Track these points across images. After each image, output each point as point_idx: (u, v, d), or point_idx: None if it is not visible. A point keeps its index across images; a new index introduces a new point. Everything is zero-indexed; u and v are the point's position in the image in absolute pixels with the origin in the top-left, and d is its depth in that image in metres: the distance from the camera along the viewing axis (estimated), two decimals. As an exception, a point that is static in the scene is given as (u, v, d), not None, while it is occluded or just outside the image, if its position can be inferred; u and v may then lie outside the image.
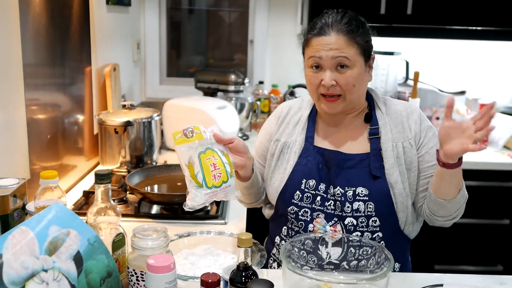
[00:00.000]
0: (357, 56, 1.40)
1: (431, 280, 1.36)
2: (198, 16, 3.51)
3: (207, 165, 1.31)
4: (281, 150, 1.54)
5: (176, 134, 1.31)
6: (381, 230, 1.43)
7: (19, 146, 1.61)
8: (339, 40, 1.38)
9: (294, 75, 3.21)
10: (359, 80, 1.42)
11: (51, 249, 0.95)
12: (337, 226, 1.43)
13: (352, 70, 1.39)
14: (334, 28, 1.39)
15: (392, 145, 1.44)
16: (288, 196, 1.48)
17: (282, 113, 1.60)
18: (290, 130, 1.55)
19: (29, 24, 1.64)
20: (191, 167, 1.29)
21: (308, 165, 1.48)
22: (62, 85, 1.96)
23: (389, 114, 1.49)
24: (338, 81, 1.39)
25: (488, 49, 3.16)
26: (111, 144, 2.17)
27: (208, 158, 1.32)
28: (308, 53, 1.44)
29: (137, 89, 3.25)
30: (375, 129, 1.47)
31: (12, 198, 1.26)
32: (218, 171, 1.32)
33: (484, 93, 3.12)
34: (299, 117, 1.56)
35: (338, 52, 1.38)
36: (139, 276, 1.10)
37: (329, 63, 1.39)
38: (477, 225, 2.64)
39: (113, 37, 2.61)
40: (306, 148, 1.50)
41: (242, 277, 1.05)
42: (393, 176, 1.42)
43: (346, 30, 1.39)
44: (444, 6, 2.72)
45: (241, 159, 1.40)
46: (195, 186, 1.29)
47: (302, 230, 1.47)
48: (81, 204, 1.82)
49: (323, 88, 1.41)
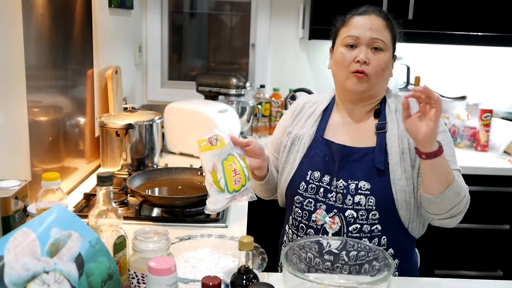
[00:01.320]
0: (390, 43, 1.50)
1: (431, 284, 1.36)
2: (200, 20, 3.52)
3: (229, 171, 1.36)
4: (292, 142, 1.60)
5: (202, 142, 1.35)
6: (380, 222, 1.45)
7: (21, 148, 1.61)
8: (379, 22, 1.48)
9: (296, 79, 3.22)
10: (387, 67, 1.50)
11: (53, 251, 0.96)
12: (336, 218, 1.46)
13: (384, 54, 1.48)
14: (374, 11, 1.50)
15: (398, 141, 1.47)
16: (295, 187, 1.54)
17: (298, 107, 1.66)
18: (303, 123, 1.61)
19: (31, 26, 1.65)
20: (214, 173, 1.34)
21: (315, 157, 1.53)
22: (64, 87, 1.96)
23: (399, 111, 1.52)
24: (370, 60, 1.46)
25: (489, 54, 3.17)
26: (112, 147, 2.18)
27: (230, 165, 1.37)
28: (344, 32, 1.51)
29: (139, 92, 3.26)
30: (382, 124, 1.51)
31: (13, 200, 1.26)
32: (238, 176, 1.37)
33: (484, 98, 3.12)
34: (313, 110, 1.62)
35: (376, 33, 1.46)
36: (140, 279, 1.11)
37: (366, 42, 1.46)
38: (477, 230, 2.64)
39: (115, 40, 2.62)
40: (315, 140, 1.55)
41: (243, 280, 1.05)
42: (397, 172, 1.44)
43: (385, 16, 1.50)
44: (445, 11, 2.72)
45: (257, 161, 1.46)
46: (217, 191, 1.34)
47: (306, 220, 1.51)
48: (82, 206, 1.82)
49: (356, 65, 1.46)
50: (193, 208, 1.77)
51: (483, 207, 2.60)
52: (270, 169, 1.57)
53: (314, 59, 3.20)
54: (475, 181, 2.49)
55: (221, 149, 1.36)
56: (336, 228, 1.44)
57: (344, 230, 1.43)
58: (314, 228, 1.49)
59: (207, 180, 1.35)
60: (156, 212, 1.83)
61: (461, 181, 1.42)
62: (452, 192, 1.37)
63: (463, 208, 1.41)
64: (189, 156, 2.54)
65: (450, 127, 3.00)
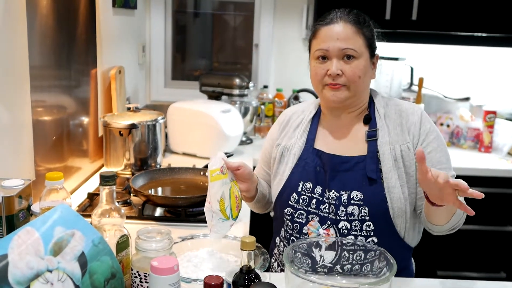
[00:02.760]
0: (363, 48, 1.42)
1: (433, 285, 1.36)
2: (203, 20, 3.52)
3: (233, 198, 1.37)
4: (281, 154, 1.55)
5: (214, 172, 1.34)
6: (376, 235, 1.40)
7: (25, 147, 1.62)
8: (347, 30, 1.41)
9: (299, 79, 3.22)
10: (365, 72, 1.43)
11: (56, 249, 0.96)
12: (330, 229, 1.42)
13: (359, 61, 1.41)
14: (342, 18, 1.43)
15: (389, 148, 1.43)
16: (285, 198, 1.49)
17: (285, 119, 1.62)
18: (291, 134, 1.57)
19: (36, 26, 1.65)
20: (222, 203, 1.34)
21: (306, 167, 1.49)
22: (67, 87, 1.97)
23: (389, 116, 1.48)
24: (344, 71, 1.41)
25: (493, 55, 3.16)
26: (116, 147, 2.18)
27: (233, 191, 1.38)
28: (315, 45, 1.46)
29: (142, 92, 3.26)
30: (373, 132, 1.46)
31: (17, 199, 1.26)
32: (238, 201, 1.40)
33: (488, 99, 3.12)
34: (301, 120, 1.57)
35: (345, 43, 1.40)
36: (142, 278, 1.11)
37: (336, 54, 1.41)
38: (481, 232, 2.64)
39: (119, 40, 2.63)
40: (306, 150, 1.51)
41: (245, 280, 1.06)
42: (391, 180, 1.40)
43: (354, 21, 1.43)
44: (449, 12, 2.72)
45: (246, 185, 1.45)
46: (222, 219, 1.35)
47: (297, 232, 1.47)
48: (86, 205, 1.82)
49: (329, 78, 1.42)
50: (195, 208, 1.77)
51: (486, 208, 2.59)
52: (259, 189, 1.54)
53: (318, 59, 3.20)
54: (478, 182, 2.49)
55: (228, 178, 1.37)
56: (331, 240, 1.35)
57: (338, 243, 1.34)
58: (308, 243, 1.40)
59: (211, 208, 1.33)
60: (159, 212, 1.84)
61: None
62: (456, 216, 1.35)
63: (463, 220, 1.40)
64: (192, 156, 2.54)
65: (453, 128, 2.99)
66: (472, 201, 1.42)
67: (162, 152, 2.35)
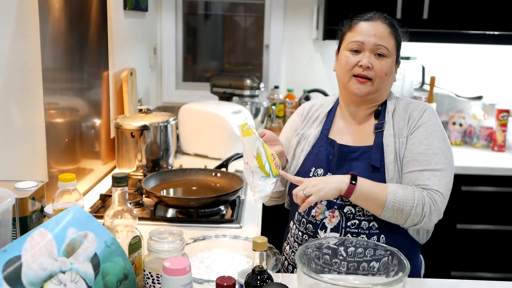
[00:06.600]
0: (393, 50, 1.53)
1: (446, 286, 1.35)
2: (214, 21, 3.53)
3: (270, 155, 1.36)
4: (298, 141, 1.64)
5: (244, 126, 1.34)
6: (376, 219, 1.46)
7: (38, 150, 1.63)
8: (384, 29, 1.51)
9: (310, 79, 3.21)
10: (390, 72, 1.53)
11: (69, 251, 0.97)
12: (336, 211, 1.49)
13: (387, 60, 1.51)
14: (380, 18, 1.53)
15: (393, 141, 1.50)
16: None
17: (305, 110, 1.71)
18: (310, 124, 1.66)
19: (48, 29, 1.67)
20: (259, 158, 1.33)
21: (319, 154, 1.57)
22: (80, 89, 1.98)
23: (397, 111, 1.55)
24: (373, 65, 1.49)
25: (505, 53, 3.13)
26: (128, 148, 2.19)
27: (267, 149, 1.36)
28: (350, 37, 1.53)
29: (154, 94, 3.28)
30: (380, 124, 1.54)
31: (30, 201, 1.27)
32: (276, 160, 1.39)
33: (501, 98, 3.08)
34: (320, 113, 1.66)
35: (380, 40, 1.49)
36: (155, 279, 1.11)
37: (369, 48, 1.49)
38: (494, 231, 2.61)
39: (130, 42, 2.64)
40: (320, 139, 1.60)
41: (257, 280, 1.06)
42: (391, 171, 1.47)
43: (390, 24, 1.53)
44: (461, 10, 2.70)
45: (279, 146, 1.52)
46: (263, 177, 1.33)
47: (306, 214, 1.54)
48: (98, 207, 1.83)
49: (359, 69, 1.50)
50: (207, 208, 1.78)
51: (500, 208, 2.56)
52: None
53: (328, 59, 3.19)
54: (492, 181, 2.46)
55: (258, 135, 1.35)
56: (335, 222, 1.46)
57: (342, 225, 1.45)
58: (313, 223, 1.51)
59: (249, 167, 1.32)
60: (171, 213, 1.84)
61: (410, 192, 1.40)
62: (390, 211, 1.40)
63: (423, 216, 1.40)
64: (204, 157, 2.54)
65: (466, 127, 2.97)
66: (486, 201, 1.41)
67: (174, 153, 2.35)
